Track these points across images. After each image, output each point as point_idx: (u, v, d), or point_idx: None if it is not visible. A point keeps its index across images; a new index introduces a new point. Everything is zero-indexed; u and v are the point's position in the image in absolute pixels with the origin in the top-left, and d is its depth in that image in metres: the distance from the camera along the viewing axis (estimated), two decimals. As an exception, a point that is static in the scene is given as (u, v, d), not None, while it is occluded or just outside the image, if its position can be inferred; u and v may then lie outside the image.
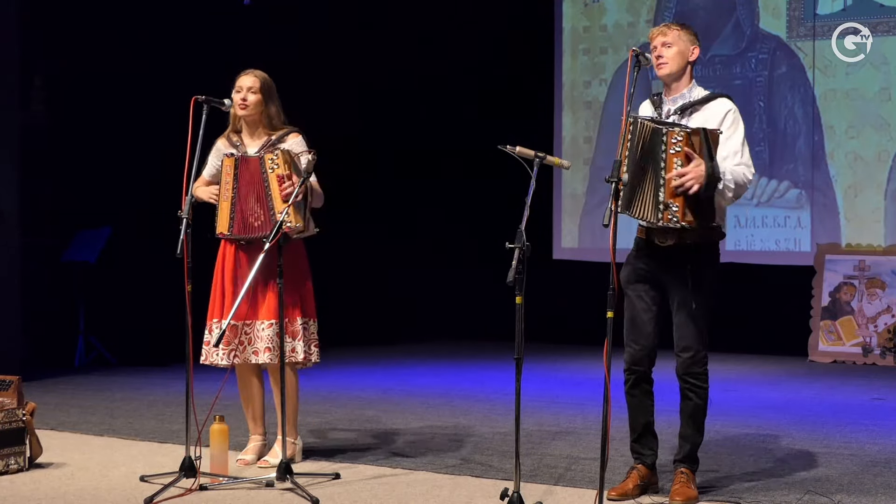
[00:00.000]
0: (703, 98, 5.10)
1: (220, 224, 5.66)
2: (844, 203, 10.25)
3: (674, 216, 4.82)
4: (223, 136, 5.86)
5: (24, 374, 6.75)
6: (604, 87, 11.14)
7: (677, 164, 4.79)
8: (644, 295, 5.10)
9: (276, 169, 5.52)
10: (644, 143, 4.87)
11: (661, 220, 4.85)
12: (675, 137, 4.80)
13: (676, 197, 4.81)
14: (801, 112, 10.41)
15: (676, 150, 4.80)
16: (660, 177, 4.83)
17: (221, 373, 5.61)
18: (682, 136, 4.80)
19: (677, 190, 4.79)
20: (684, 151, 4.78)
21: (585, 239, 11.26)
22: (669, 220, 4.83)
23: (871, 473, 5.57)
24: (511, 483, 4.71)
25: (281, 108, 5.81)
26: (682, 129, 4.81)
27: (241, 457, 5.80)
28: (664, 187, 4.83)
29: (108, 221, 9.93)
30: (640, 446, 5.19)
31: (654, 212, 4.86)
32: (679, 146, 4.79)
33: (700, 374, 5.06)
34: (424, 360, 10.26)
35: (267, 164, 5.54)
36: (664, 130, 4.82)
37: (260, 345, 5.66)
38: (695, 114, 5.05)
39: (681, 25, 5.16)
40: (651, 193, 4.86)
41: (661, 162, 4.83)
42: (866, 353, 9.94)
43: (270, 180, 5.54)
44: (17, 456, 5.62)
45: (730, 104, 5.08)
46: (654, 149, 4.85)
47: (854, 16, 10.17)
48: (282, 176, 5.51)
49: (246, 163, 5.61)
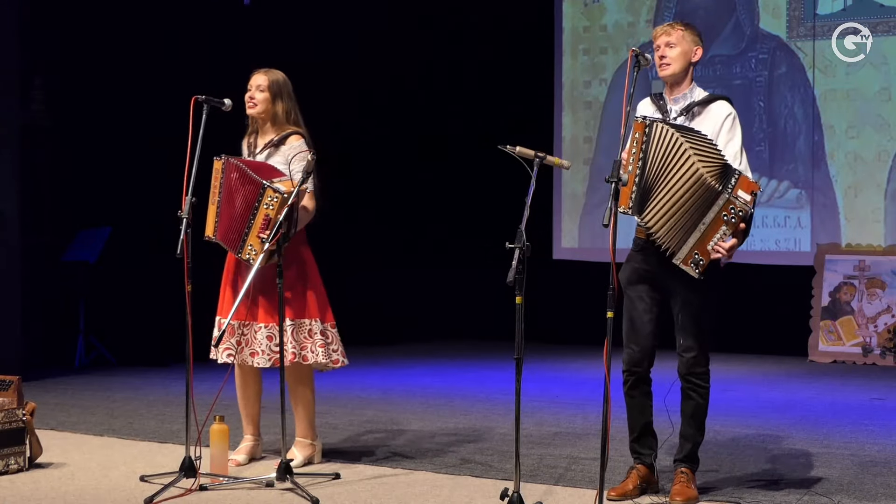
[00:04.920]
0: (704, 99, 5.10)
1: (207, 226, 5.64)
2: (844, 203, 10.25)
3: (697, 268, 4.86)
4: (245, 136, 5.88)
5: (24, 374, 6.76)
6: (604, 87, 11.14)
7: (724, 231, 4.83)
8: (644, 296, 5.09)
9: (270, 210, 5.41)
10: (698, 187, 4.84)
11: (680, 261, 4.87)
12: (734, 209, 4.82)
13: (707, 255, 4.85)
14: (801, 112, 10.41)
15: (731, 221, 4.83)
16: (699, 224, 4.84)
17: (221, 373, 5.61)
18: (741, 214, 4.82)
19: (713, 254, 4.84)
20: (734, 226, 4.83)
21: (585, 239, 11.26)
22: (689, 268, 4.86)
23: (871, 473, 5.57)
24: (511, 483, 4.71)
25: (295, 107, 5.78)
26: (744, 205, 4.83)
27: (233, 457, 5.75)
28: (699, 237, 4.84)
29: (108, 221, 9.93)
30: (639, 446, 5.19)
31: (677, 244, 4.87)
32: (734, 220, 4.83)
33: (702, 373, 5.07)
34: (424, 360, 10.27)
35: (265, 198, 5.44)
36: (728, 197, 4.83)
37: (257, 347, 5.65)
38: (697, 116, 5.05)
39: (685, 25, 5.15)
40: (681, 227, 4.85)
41: (707, 214, 4.84)
42: (866, 353, 9.94)
43: (259, 213, 5.44)
44: (17, 456, 5.62)
45: (730, 108, 5.09)
46: (708, 201, 4.84)
47: (854, 16, 10.18)
48: (268, 218, 5.40)
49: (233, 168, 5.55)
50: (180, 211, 5.34)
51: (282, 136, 5.73)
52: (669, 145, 4.86)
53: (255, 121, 5.81)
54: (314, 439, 5.85)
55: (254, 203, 5.44)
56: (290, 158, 5.62)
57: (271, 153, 5.72)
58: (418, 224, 11.80)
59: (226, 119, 5.81)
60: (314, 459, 5.82)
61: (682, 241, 4.87)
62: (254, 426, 5.90)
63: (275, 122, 5.76)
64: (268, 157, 5.71)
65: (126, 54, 10.02)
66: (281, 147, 5.70)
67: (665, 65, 5.06)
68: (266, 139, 5.77)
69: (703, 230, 4.85)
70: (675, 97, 5.12)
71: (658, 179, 4.87)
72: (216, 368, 5.80)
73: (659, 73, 5.10)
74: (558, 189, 11.37)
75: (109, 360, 9.77)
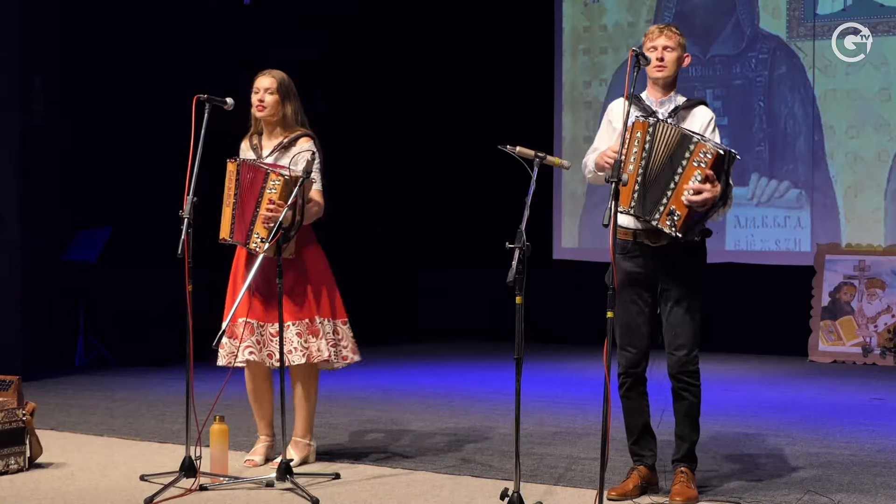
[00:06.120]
0: (687, 104, 5.15)
1: (222, 229, 5.62)
2: (844, 203, 10.25)
3: (673, 224, 4.82)
4: (246, 137, 5.86)
5: (24, 374, 6.75)
6: (604, 87, 11.15)
7: (696, 178, 4.80)
8: (637, 298, 5.10)
9: (273, 193, 5.41)
10: (668, 145, 4.85)
11: (657, 221, 4.85)
12: (704, 152, 4.80)
13: (683, 207, 4.81)
14: (801, 112, 10.41)
15: (701, 165, 4.80)
16: (672, 181, 4.83)
17: (222, 373, 5.60)
18: (711, 155, 4.79)
19: (687, 202, 4.80)
20: (707, 171, 4.79)
21: (585, 239, 11.26)
22: (665, 225, 4.84)
23: (871, 473, 5.57)
24: (511, 483, 4.71)
25: (300, 108, 5.78)
26: (714, 147, 4.81)
27: (249, 457, 5.79)
28: (673, 192, 4.83)
29: (108, 221, 9.93)
30: (639, 448, 5.19)
31: (652, 211, 4.86)
32: (704, 162, 4.80)
33: (694, 371, 5.08)
34: (424, 360, 10.27)
35: (269, 182, 5.44)
36: (695, 139, 4.83)
37: (274, 347, 5.63)
38: (682, 121, 5.08)
39: (680, 32, 5.19)
40: (656, 192, 4.86)
41: (680, 168, 4.83)
42: (866, 353, 9.94)
43: (264, 199, 5.44)
44: (17, 456, 5.62)
45: (711, 113, 5.16)
46: (676, 153, 4.84)
47: (854, 16, 10.18)
48: (272, 201, 5.40)
49: (248, 169, 5.56)
50: (181, 211, 5.34)
51: (292, 139, 5.71)
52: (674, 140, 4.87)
53: (260, 122, 5.79)
54: (311, 440, 5.85)
55: (259, 190, 5.42)
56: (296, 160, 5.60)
57: (280, 155, 5.70)
58: (418, 224, 11.79)
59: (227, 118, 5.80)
60: (309, 459, 5.82)
61: (658, 200, 4.86)
62: (268, 426, 5.88)
63: (284, 124, 5.74)
64: (276, 159, 5.69)
65: (126, 54, 10.02)
66: (291, 149, 5.67)
67: (663, 67, 5.09)
68: (275, 141, 5.75)
69: (678, 181, 4.83)
70: (662, 100, 5.14)
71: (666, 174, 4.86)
72: (216, 368, 5.79)
73: (654, 74, 5.11)
74: (558, 189, 11.37)
75: (109, 361, 9.76)
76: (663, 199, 4.85)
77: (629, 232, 5.06)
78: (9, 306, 8.63)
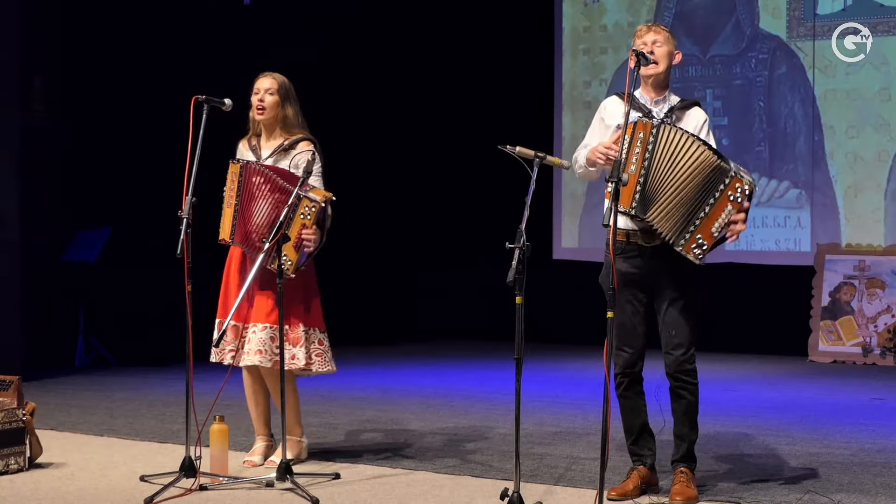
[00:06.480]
0: (682, 104, 5.15)
1: (222, 230, 5.62)
2: (844, 203, 10.25)
3: (700, 254, 4.87)
4: (244, 139, 5.85)
5: (24, 374, 6.75)
6: (604, 87, 11.15)
7: (729, 211, 4.84)
8: (633, 299, 5.11)
9: (307, 219, 5.45)
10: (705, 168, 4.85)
11: (681, 247, 4.87)
12: (740, 187, 4.85)
13: (710, 238, 4.86)
14: (801, 112, 10.41)
15: (736, 199, 4.85)
16: (702, 210, 4.86)
17: (222, 373, 5.60)
18: (747, 190, 4.85)
19: (716, 235, 4.85)
20: (740, 206, 4.85)
21: (585, 239, 11.26)
22: (691, 253, 4.86)
23: (871, 473, 5.57)
24: (511, 483, 4.71)
25: (300, 110, 5.78)
26: (749, 183, 4.86)
27: (249, 458, 5.80)
28: (702, 221, 4.85)
29: (108, 221, 9.93)
30: (638, 448, 5.19)
31: (678, 235, 4.87)
32: (740, 198, 4.85)
33: (691, 370, 5.08)
34: (424, 360, 10.27)
35: (301, 208, 5.43)
36: (732, 173, 4.86)
37: (250, 347, 5.65)
38: (679, 121, 5.08)
39: (668, 29, 5.20)
40: (683, 215, 4.86)
41: (712, 199, 4.86)
42: (866, 353, 9.94)
43: (295, 222, 5.44)
44: (17, 456, 5.62)
45: (705, 114, 5.18)
46: (711, 183, 4.86)
47: (854, 16, 10.18)
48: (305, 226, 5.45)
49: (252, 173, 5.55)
50: (180, 211, 5.34)
51: (292, 142, 5.71)
52: (678, 142, 4.87)
53: (259, 124, 5.78)
54: (301, 436, 5.86)
55: (283, 211, 5.37)
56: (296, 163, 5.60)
57: (280, 157, 5.69)
58: (418, 224, 11.80)
59: (226, 119, 5.80)
60: (302, 455, 5.83)
61: (684, 227, 4.87)
62: (265, 426, 5.89)
63: (284, 126, 5.74)
64: (276, 161, 5.69)
65: (126, 54, 10.02)
66: (291, 152, 5.68)
67: (653, 62, 5.06)
68: (275, 143, 5.74)
69: (708, 212, 4.87)
70: (657, 99, 5.13)
71: (665, 177, 4.86)
72: (216, 368, 5.80)
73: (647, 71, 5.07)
74: (558, 189, 11.37)
75: (109, 361, 9.77)
76: (690, 226, 4.87)
77: (623, 232, 5.05)
78: (9, 306, 8.64)
